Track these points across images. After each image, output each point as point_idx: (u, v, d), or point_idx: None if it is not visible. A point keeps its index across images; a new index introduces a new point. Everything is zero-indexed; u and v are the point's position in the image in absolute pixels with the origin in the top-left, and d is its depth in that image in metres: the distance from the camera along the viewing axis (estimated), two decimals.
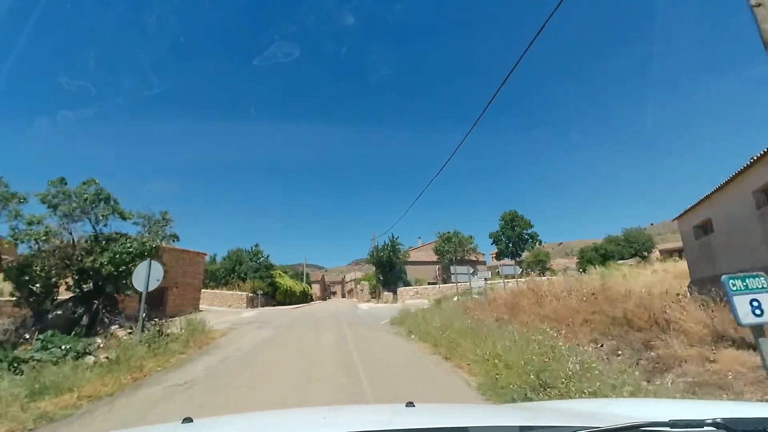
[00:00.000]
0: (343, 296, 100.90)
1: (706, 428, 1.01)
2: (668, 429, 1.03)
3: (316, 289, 75.18)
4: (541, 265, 55.20)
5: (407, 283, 41.70)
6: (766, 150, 10.52)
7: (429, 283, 43.24)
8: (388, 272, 42.13)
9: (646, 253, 55.15)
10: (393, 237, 43.12)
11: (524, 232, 61.78)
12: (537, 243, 62.75)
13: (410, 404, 1.70)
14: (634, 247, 60.60)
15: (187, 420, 1.54)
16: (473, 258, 45.62)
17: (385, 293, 38.60)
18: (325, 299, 79.85)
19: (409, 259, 44.19)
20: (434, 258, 45.42)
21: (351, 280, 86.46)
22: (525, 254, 62.56)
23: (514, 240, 60.72)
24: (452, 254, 43.30)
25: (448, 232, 44.56)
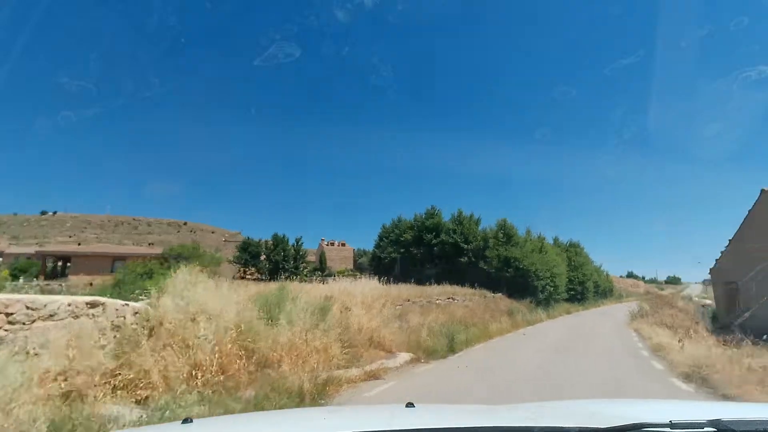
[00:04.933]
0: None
1: (705, 429, 1.03)
2: (668, 430, 1.04)
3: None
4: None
5: None
6: None
7: None
8: None
9: None
10: None
11: None
12: None
13: (410, 405, 1.67)
14: None
15: (187, 421, 1.50)
16: None
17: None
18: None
19: None
20: None
21: None
22: None
23: None
24: None
25: None
